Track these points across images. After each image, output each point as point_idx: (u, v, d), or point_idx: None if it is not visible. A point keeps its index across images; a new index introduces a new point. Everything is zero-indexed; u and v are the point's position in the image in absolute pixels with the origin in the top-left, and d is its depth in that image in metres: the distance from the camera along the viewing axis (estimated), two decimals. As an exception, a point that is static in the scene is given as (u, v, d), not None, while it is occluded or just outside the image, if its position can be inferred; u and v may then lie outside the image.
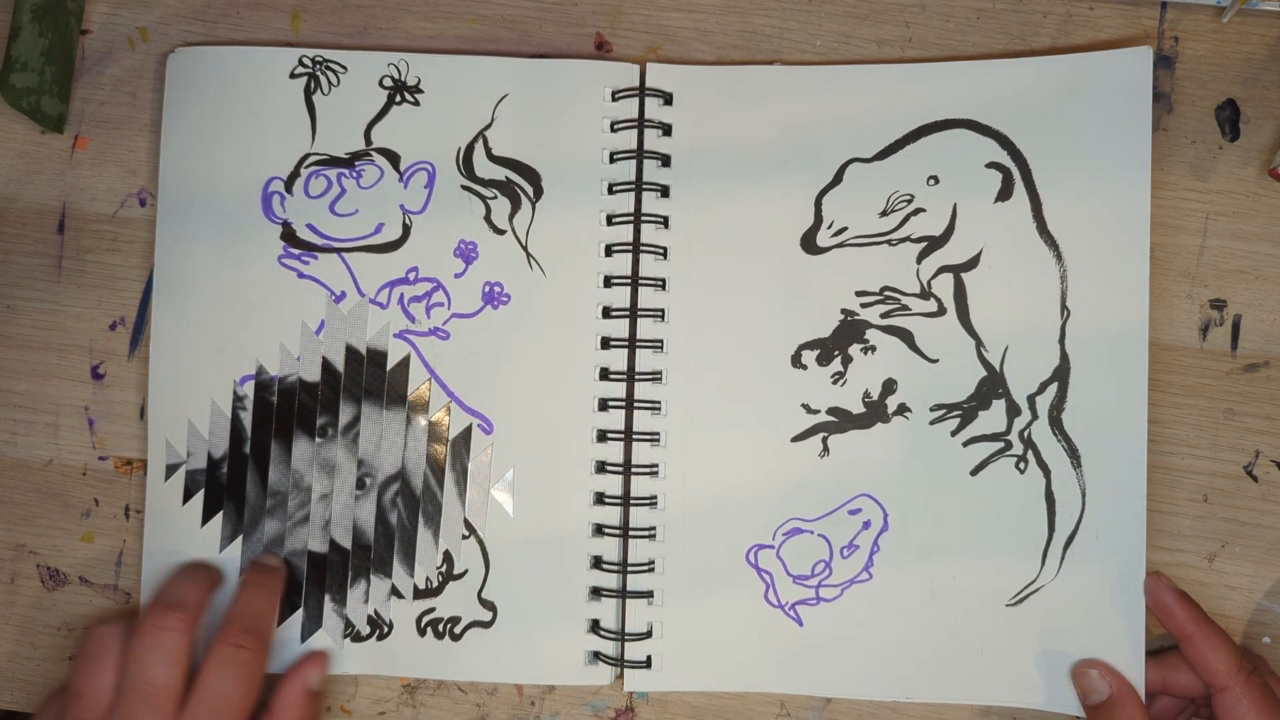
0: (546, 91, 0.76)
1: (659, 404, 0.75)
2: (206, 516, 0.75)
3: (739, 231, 0.75)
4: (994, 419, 0.74)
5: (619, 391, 0.75)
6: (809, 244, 0.75)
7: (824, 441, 0.74)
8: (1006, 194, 0.74)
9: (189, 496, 0.75)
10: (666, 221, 0.75)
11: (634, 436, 0.75)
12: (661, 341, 0.75)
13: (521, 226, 0.75)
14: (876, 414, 0.74)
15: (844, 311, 0.74)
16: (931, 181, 0.74)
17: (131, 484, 0.77)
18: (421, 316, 0.75)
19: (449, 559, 0.75)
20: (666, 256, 0.75)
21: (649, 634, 0.74)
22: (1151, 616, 0.72)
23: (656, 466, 0.75)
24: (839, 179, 0.75)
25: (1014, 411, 0.73)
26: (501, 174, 0.76)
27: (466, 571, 0.75)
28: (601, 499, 0.75)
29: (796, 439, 0.74)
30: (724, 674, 0.74)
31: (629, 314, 0.75)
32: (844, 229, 0.75)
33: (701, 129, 0.76)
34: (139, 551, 0.76)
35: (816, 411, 0.74)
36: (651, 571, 0.74)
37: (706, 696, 0.75)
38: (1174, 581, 0.72)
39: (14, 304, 0.78)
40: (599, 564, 0.75)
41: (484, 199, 0.76)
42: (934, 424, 0.74)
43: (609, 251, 0.75)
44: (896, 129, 0.75)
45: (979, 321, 0.74)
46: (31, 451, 0.78)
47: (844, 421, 0.74)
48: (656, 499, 0.75)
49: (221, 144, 0.76)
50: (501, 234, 0.75)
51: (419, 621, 0.75)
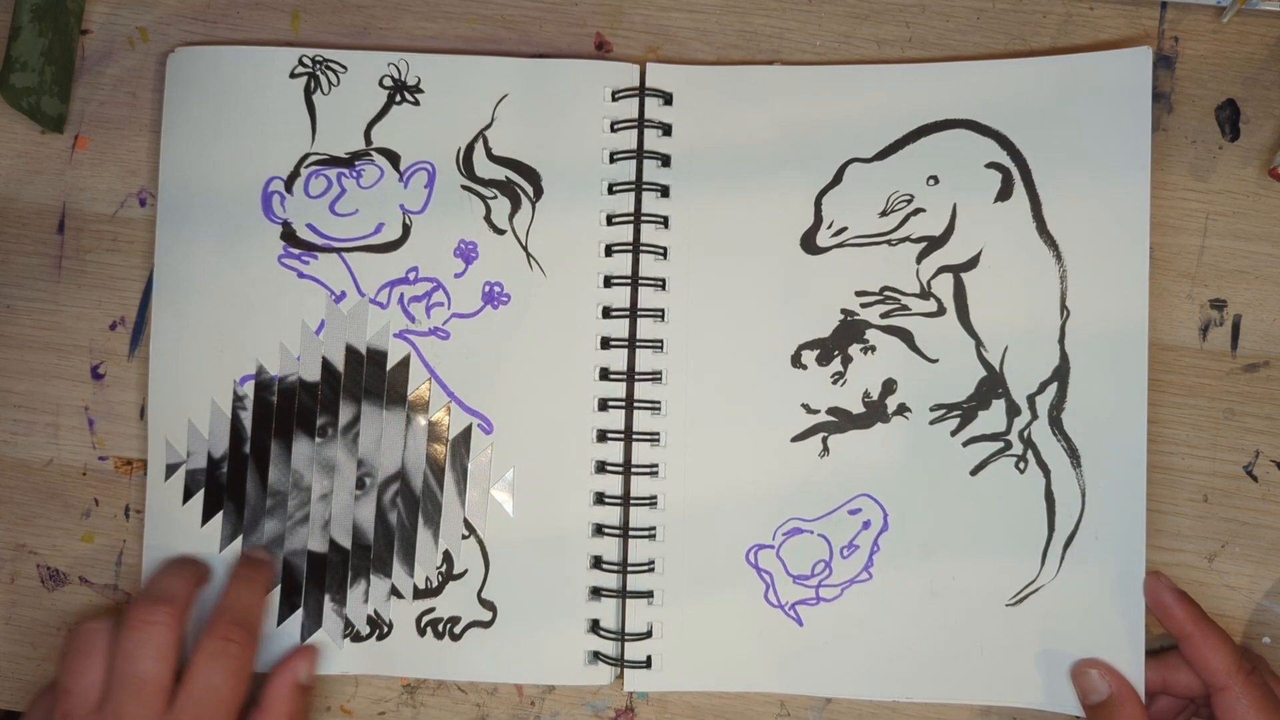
0: (546, 91, 0.76)
1: (659, 404, 0.75)
2: (206, 516, 0.75)
3: (739, 231, 0.75)
4: (994, 419, 0.74)
5: (619, 391, 0.75)
6: (809, 244, 0.75)
7: (824, 441, 0.74)
8: (1006, 194, 0.74)
9: (189, 496, 0.75)
10: (666, 221, 0.75)
11: (634, 436, 0.75)
12: (661, 341, 0.75)
13: (521, 226, 0.75)
14: (876, 414, 0.74)
15: (844, 311, 0.74)
16: (931, 181, 0.74)
17: (131, 484, 0.77)
18: (421, 316, 0.75)
19: (449, 559, 0.75)
20: (666, 256, 0.75)
21: (649, 634, 0.74)
22: (1151, 616, 0.72)
23: (656, 466, 0.75)
24: (839, 179, 0.75)
25: (1014, 411, 0.73)
26: (501, 174, 0.76)
27: (466, 571, 0.75)
28: (601, 499, 0.75)
29: (796, 439, 0.74)
30: (724, 674, 0.74)
31: (629, 314, 0.75)
32: (844, 229, 0.75)
33: (701, 129, 0.76)
34: (139, 551, 0.76)
35: (816, 411, 0.74)
36: (651, 571, 0.74)
37: (706, 696, 0.75)
38: (1174, 581, 0.72)
39: (14, 304, 0.78)
40: (599, 564, 0.75)
41: (484, 199, 0.76)
42: (934, 424, 0.74)
43: (609, 251, 0.75)
44: (896, 129, 0.75)
45: (979, 321, 0.74)
46: (31, 451, 0.78)
47: (844, 421, 0.74)
48: (656, 499, 0.75)
49: (221, 144, 0.76)
50: (501, 234, 0.75)
51: (419, 621, 0.75)
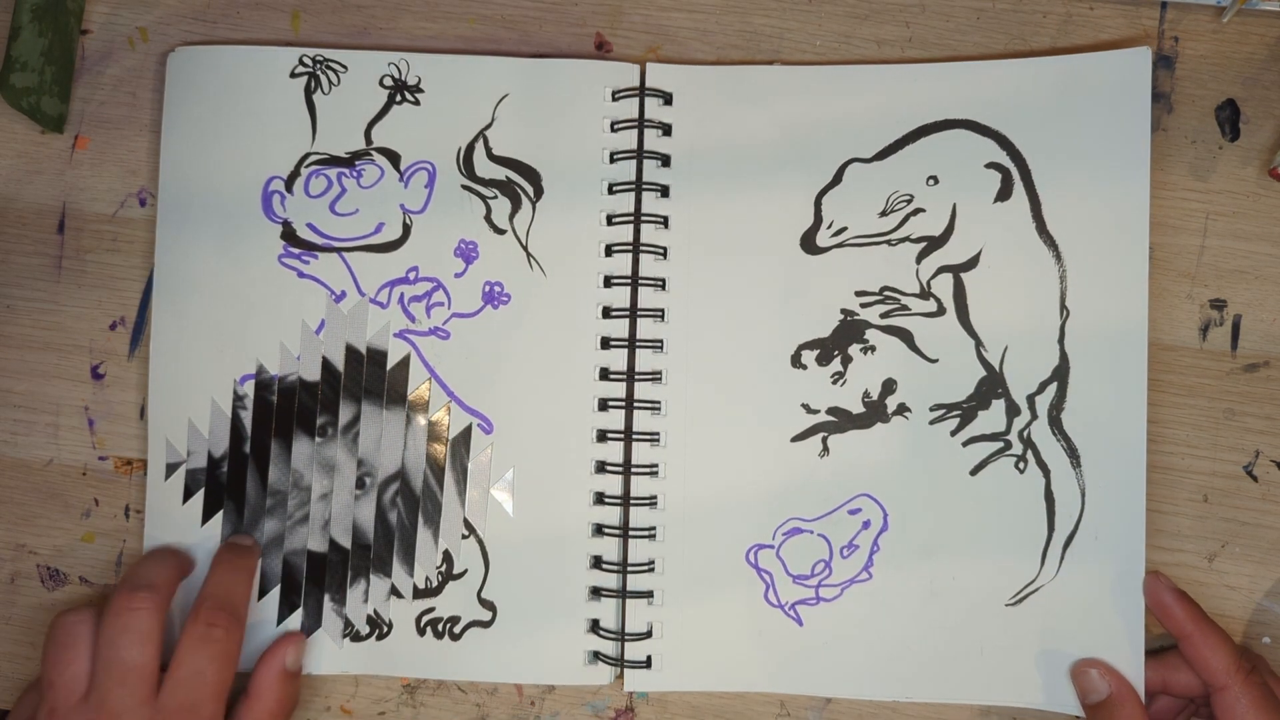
0: (547, 91, 0.76)
1: (659, 404, 0.75)
2: (206, 515, 0.75)
3: (739, 231, 0.75)
4: (993, 419, 0.74)
5: (619, 391, 0.75)
6: (809, 244, 0.75)
7: (824, 441, 0.74)
8: (1006, 194, 0.74)
9: (189, 495, 0.75)
10: (666, 221, 0.75)
11: (634, 436, 0.75)
12: (661, 341, 0.75)
13: (522, 226, 0.75)
14: (876, 414, 0.74)
15: (844, 311, 0.74)
16: (931, 181, 0.74)
17: (131, 484, 0.77)
18: (421, 316, 0.75)
19: (449, 559, 0.75)
20: (666, 256, 0.75)
21: (649, 634, 0.74)
22: (1151, 616, 0.72)
23: (656, 466, 0.75)
24: (839, 179, 0.75)
25: (1013, 411, 0.73)
26: (502, 174, 0.76)
27: (466, 571, 0.75)
28: (601, 499, 0.75)
29: (796, 439, 0.74)
30: (724, 674, 0.74)
31: (629, 314, 0.75)
32: (844, 229, 0.75)
33: (701, 129, 0.76)
34: (139, 551, 0.76)
35: (816, 411, 0.74)
36: (651, 571, 0.74)
37: (706, 696, 0.75)
38: (1174, 581, 0.72)
39: (14, 304, 0.78)
40: (599, 564, 0.75)
41: (484, 199, 0.76)
42: (934, 424, 0.74)
43: (609, 251, 0.75)
44: (896, 129, 0.75)
45: (978, 321, 0.74)
46: (31, 451, 0.78)
47: (844, 421, 0.74)
48: (656, 499, 0.75)
49: (222, 143, 0.76)
50: (502, 234, 0.75)
51: (418, 621, 0.75)
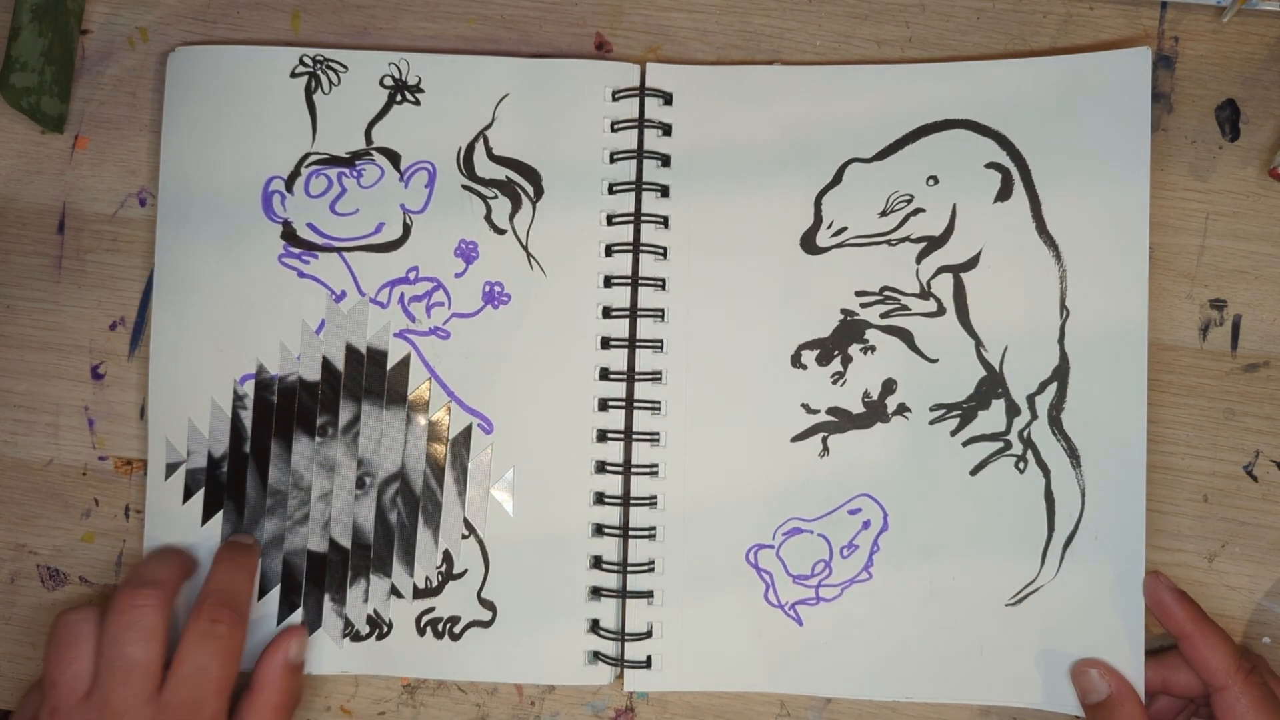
0: (547, 91, 0.76)
1: (659, 404, 0.75)
2: (206, 515, 0.75)
3: (739, 231, 0.75)
4: (993, 419, 0.74)
5: (619, 391, 0.75)
6: (809, 244, 0.75)
7: (824, 441, 0.74)
8: (1006, 194, 0.74)
9: (189, 495, 0.75)
10: (666, 221, 0.75)
11: (634, 436, 0.75)
12: (661, 341, 0.75)
13: (522, 226, 0.75)
14: (876, 414, 0.74)
15: (844, 311, 0.74)
16: (931, 181, 0.74)
17: (131, 484, 0.77)
18: (422, 316, 0.75)
19: (449, 558, 0.75)
20: (666, 256, 0.75)
21: (649, 634, 0.74)
22: (1151, 616, 0.72)
23: (656, 466, 0.75)
24: (839, 179, 0.75)
25: (1013, 411, 0.73)
26: (502, 174, 0.76)
27: (466, 571, 0.75)
28: (601, 499, 0.75)
29: (796, 439, 0.74)
30: (724, 674, 0.74)
31: (629, 314, 0.75)
32: (844, 229, 0.75)
33: (701, 129, 0.76)
34: (139, 551, 0.76)
35: (816, 411, 0.74)
36: (651, 571, 0.74)
37: (706, 696, 0.75)
38: (1173, 581, 0.72)
39: (14, 304, 0.78)
40: (599, 564, 0.75)
41: (484, 199, 0.76)
42: (934, 424, 0.74)
43: (609, 251, 0.75)
44: (896, 129, 0.75)
45: (978, 321, 0.74)
46: (31, 451, 0.78)
47: (844, 421, 0.74)
48: (656, 499, 0.75)
49: (222, 143, 0.76)
50: (502, 234, 0.75)
51: (418, 621, 0.75)
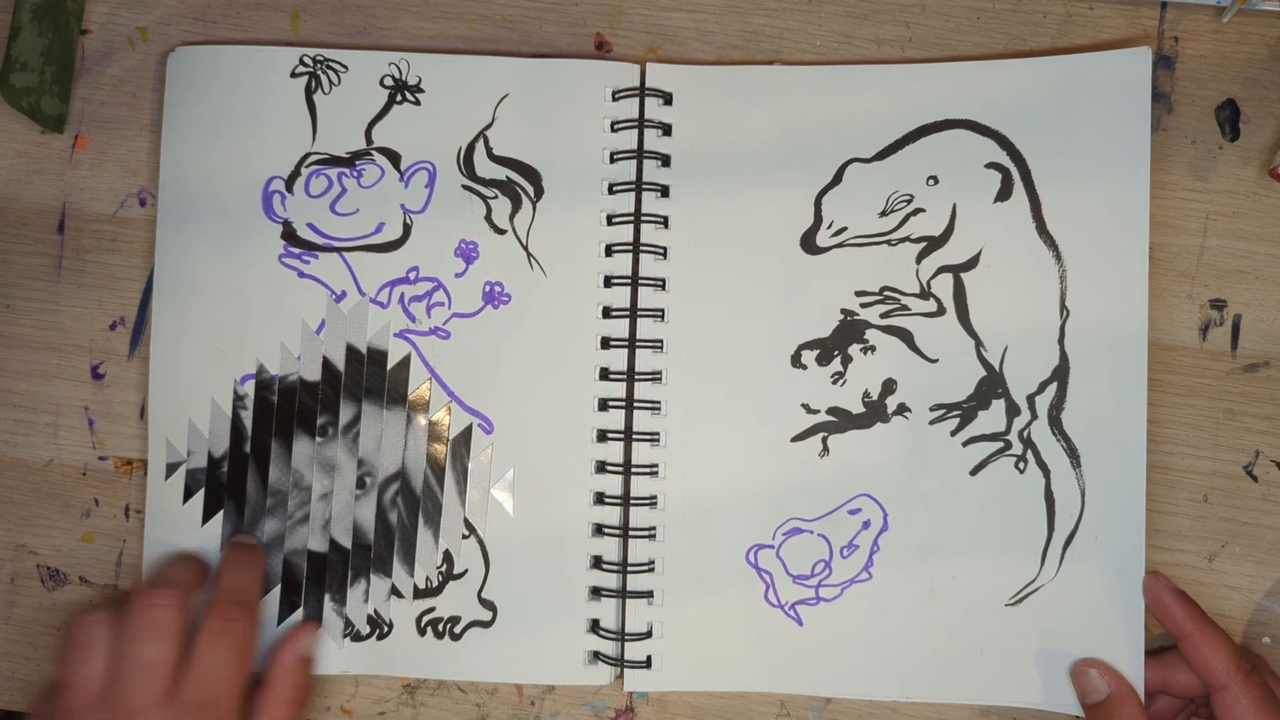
0: (547, 91, 0.76)
1: (659, 404, 0.75)
2: (207, 515, 0.75)
3: (739, 231, 0.75)
4: (993, 419, 0.74)
5: (619, 391, 0.75)
6: (809, 244, 0.75)
7: (824, 441, 0.74)
8: (1006, 194, 0.74)
9: (189, 495, 0.75)
10: (666, 221, 0.75)
11: (634, 436, 0.75)
12: (661, 341, 0.75)
13: (522, 226, 0.75)
14: (876, 414, 0.74)
15: (844, 311, 0.74)
16: (931, 181, 0.74)
17: (131, 484, 0.77)
18: (422, 316, 0.75)
19: (449, 559, 0.75)
20: (666, 256, 0.75)
21: (649, 634, 0.74)
22: (1151, 616, 0.72)
23: (656, 466, 0.75)
24: (839, 179, 0.75)
25: (1013, 411, 0.73)
26: (502, 174, 0.75)
27: (466, 571, 0.75)
28: (601, 499, 0.75)
29: (796, 439, 0.74)
30: (724, 674, 0.74)
31: (629, 314, 0.75)
32: (844, 229, 0.75)
33: (701, 129, 0.76)
34: (139, 551, 0.76)
35: (816, 411, 0.74)
36: (651, 571, 0.74)
37: (706, 696, 0.75)
38: (1173, 581, 0.72)
39: (14, 304, 0.78)
40: (599, 564, 0.75)
41: (484, 199, 0.75)
42: (934, 424, 0.74)
43: (609, 251, 0.75)
44: (896, 129, 0.75)
45: (978, 321, 0.74)
46: (31, 451, 0.78)
47: (844, 421, 0.74)
48: (656, 499, 0.75)
49: (222, 143, 0.76)
50: (502, 234, 0.75)
51: (419, 621, 0.74)
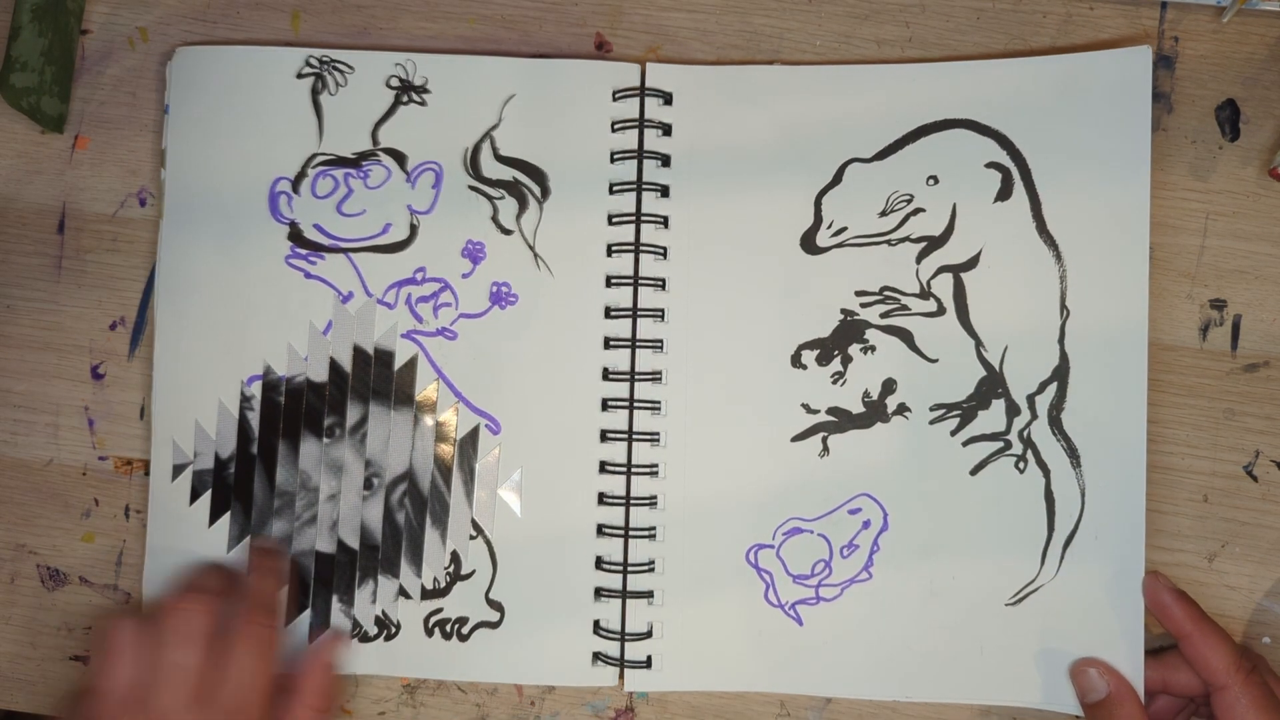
0: (552, 91, 0.76)
1: (659, 404, 0.75)
2: (214, 517, 0.75)
3: (739, 231, 0.75)
4: (993, 419, 0.74)
5: (621, 391, 0.75)
6: (809, 244, 0.75)
7: (824, 441, 0.74)
8: (1006, 194, 0.74)
9: (196, 497, 0.75)
10: (666, 221, 0.75)
11: (634, 436, 0.75)
12: (661, 341, 0.75)
13: (529, 226, 0.75)
14: (876, 414, 0.74)
15: (844, 311, 0.75)
16: (931, 181, 0.74)
17: (131, 484, 0.77)
18: (429, 317, 0.75)
19: (456, 559, 0.75)
20: (666, 256, 0.75)
21: (649, 634, 0.74)
22: (1151, 616, 0.72)
23: (656, 466, 0.75)
24: (839, 179, 0.75)
25: (1013, 411, 0.73)
26: (509, 174, 0.75)
27: (474, 572, 0.75)
28: (603, 499, 0.75)
29: (796, 439, 0.74)
30: (724, 674, 0.74)
31: (630, 314, 0.75)
32: (844, 229, 0.75)
33: (701, 129, 0.76)
34: (139, 551, 0.76)
35: (816, 411, 0.74)
36: (651, 571, 0.74)
37: (706, 696, 0.75)
38: (1173, 581, 0.72)
39: (14, 304, 0.78)
40: (600, 564, 0.75)
41: (491, 199, 0.75)
42: (934, 424, 0.74)
43: (610, 251, 0.75)
44: (896, 129, 0.75)
45: (978, 321, 0.74)
46: (31, 451, 0.78)
47: (844, 421, 0.74)
48: (656, 499, 0.75)
49: (228, 144, 0.76)
50: (509, 234, 0.75)
51: (426, 622, 0.74)
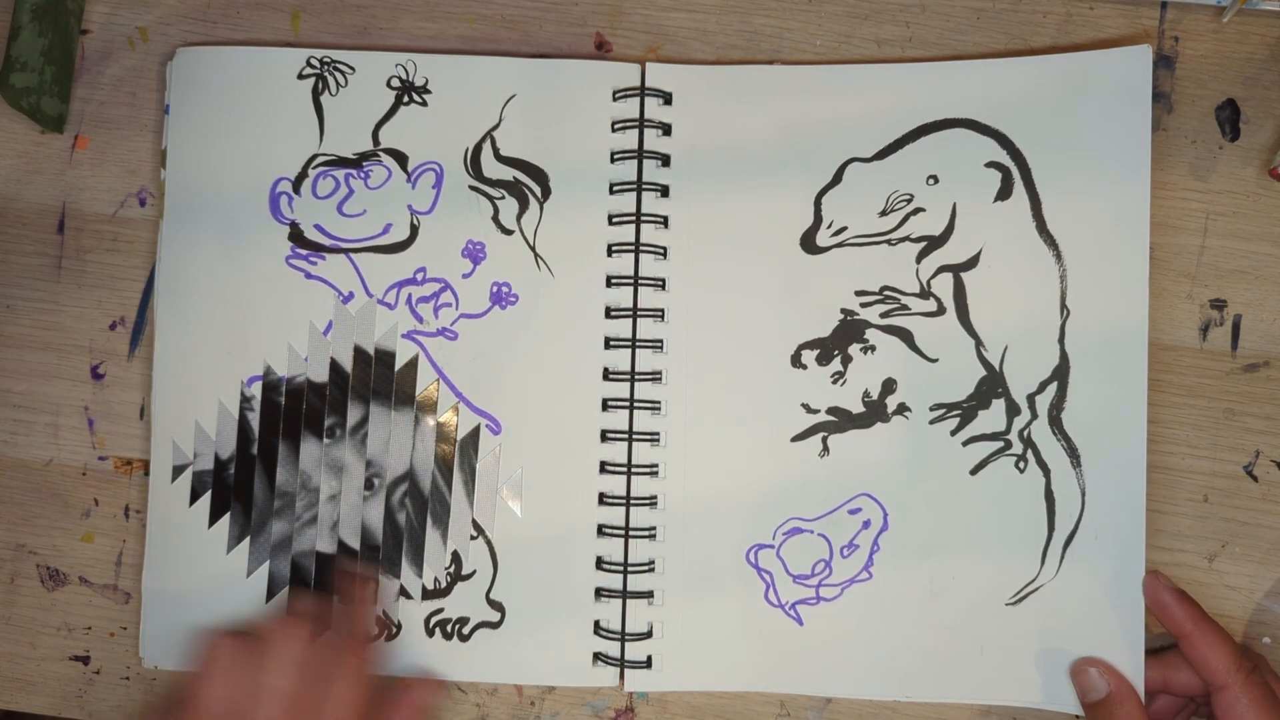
0: (552, 92, 0.76)
1: (659, 404, 0.75)
2: (214, 517, 0.75)
3: (738, 231, 0.75)
4: (993, 418, 0.74)
5: (621, 391, 0.75)
6: (809, 244, 0.75)
7: (824, 441, 0.74)
8: (1006, 193, 0.74)
9: (196, 497, 0.75)
10: (666, 221, 0.75)
11: (634, 436, 0.75)
12: (661, 341, 0.75)
13: (529, 226, 0.75)
14: (876, 413, 0.74)
15: (844, 311, 0.75)
16: (931, 181, 0.74)
17: (131, 484, 0.77)
18: (429, 317, 0.75)
19: (457, 559, 0.75)
20: (666, 256, 0.75)
21: (649, 634, 0.74)
22: (1151, 615, 0.72)
23: (656, 466, 0.75)
24: (839, 179, 0.75)
25: (1013, 411, 0.73)
26: (509, 174, 0.75)
27: (475, 572, 0.75)
28: (603, 499, 0.75)
29: (796, 439, 0.74)
30: (724, 674, 0.74)
31: (630, 314, 0.75)
32: (844, 229, 0.75)
33: (701, 129, 0.76)
34: (139, 551, 0.76)
35: (816, 411, 0.74)
36: (651, 571, 0.74)
37: (706, 696, 0.75)
38: (1173, 581, 0.72)
39: (14, 304, 0.78)
40: (600, 564, 0.75)
41: (492, 199, 0.75)
42: (934, 423, 0.74)
43: (610, 251, 0.75)
44: (896, 129, 0.75)
45: (979, 321, 0.74)
46: (31, 451, 0.78)
47: (844, 421, 0.74)
48: (656, 499, 0.75)
49: (229, 145, 0.76)
50: (509, 234, 0.75)
51: (427, 622, 0.74)
